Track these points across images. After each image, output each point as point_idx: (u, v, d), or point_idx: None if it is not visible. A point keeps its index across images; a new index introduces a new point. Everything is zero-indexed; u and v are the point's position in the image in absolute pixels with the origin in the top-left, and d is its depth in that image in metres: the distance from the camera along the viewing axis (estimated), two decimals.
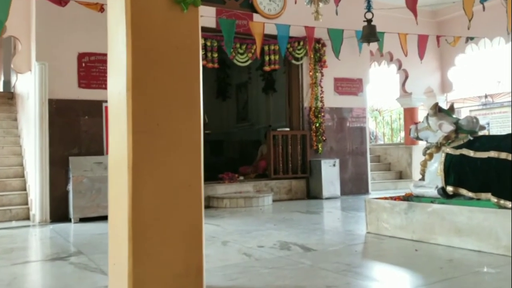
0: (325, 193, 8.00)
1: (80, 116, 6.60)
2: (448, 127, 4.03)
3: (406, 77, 10.33)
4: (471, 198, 3.70)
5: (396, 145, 11.35)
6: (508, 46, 9.37)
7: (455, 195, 3.84)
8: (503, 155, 3.48)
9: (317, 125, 8.41)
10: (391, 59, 10.26)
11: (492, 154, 3.56)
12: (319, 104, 8.48)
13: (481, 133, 4.07)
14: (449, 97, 11.02)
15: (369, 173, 9.07)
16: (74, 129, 6.57)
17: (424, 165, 4.27)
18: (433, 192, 4.00)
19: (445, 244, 3.67)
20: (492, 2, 7.17)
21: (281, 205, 7.35)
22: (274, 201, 7.66)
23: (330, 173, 8.09)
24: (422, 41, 8.67)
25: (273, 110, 10.72)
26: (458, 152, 3.86)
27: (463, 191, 3.74)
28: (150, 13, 2.58)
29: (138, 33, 2.53)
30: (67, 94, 6.54)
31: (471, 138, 3.90)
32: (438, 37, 9.30)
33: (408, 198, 4.30)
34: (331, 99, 8.66)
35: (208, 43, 7.58)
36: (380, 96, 14.17)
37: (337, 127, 8.76)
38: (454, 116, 4.26)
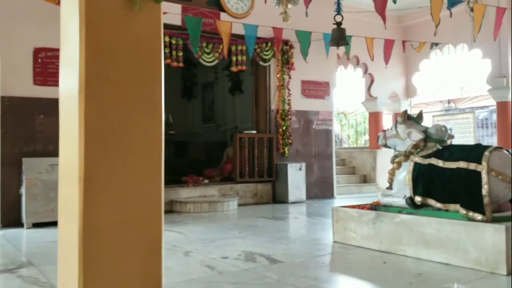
0: (291, 197, 7.91)
1: (35, 114, 6.23)
2: (417, 136, 3.98)
3: (372, 81, 10.40)
4: (439, 209, 3.65)
5: (360, 149, 11.42)
6: (472, 53, 9.57)
7: (424, 205, 3.79)
8: (472, 166, 3.44)
9: (284, 128, 8.32)
10: (358, 63, 10.30)
11: (461, 164, 3.51)
12: (286, 107, 8.38)
13: (449, 142, 4.03)
14: (413, 101, 11.19)
15: (334, 177, 9.05)
16: (28, 129, 6.19)
17: (392, 173, 4.20)
18: (401, 201, 3.94)
19: (413, 255, 3.61)
20: (456, 9, 7.25)
21: (247, 209, 7.19)
22: (239, 205, 7.49)
23: (296, 177, 8.01)
24: (388, 45, 8.71)
25: (240, 111, 10.56)
26: (426, 161, 3.81)
27: (432, 202, 3.68)
28: (106, 7, 2.34)
29: (92, 29, 2.28)
30: (22, 91, 6.15)
31: (440, 148, 3.86)
32: (403, 42, 9.39)
33: (375, 207, 4.22)
34: (298, 102, 8.58)
35: (173, 41, 7.34)
36: (346, 99, 14.26)
37: (303, 130, 8.69)
38: (422, 124, 4.21)
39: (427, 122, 4.66)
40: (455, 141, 4.23)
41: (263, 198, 8.11)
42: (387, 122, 11.41)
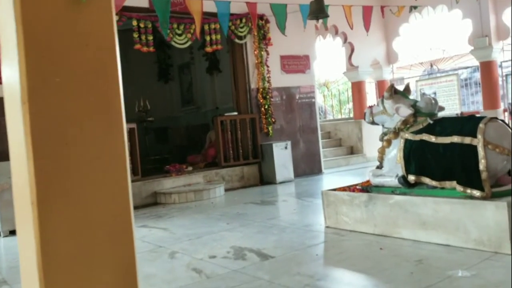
0: (279, 177, 7.70)
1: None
2: (405, 111, 3.74)
3: (352, 50, 10.13)
4: (434, 187, 3.45)
5: (345, 120, 11.23)
6: (451, 14, 9.32)
7: (417, 183, 3.59)
8: (467, 140, 3.23)
9: (266, 107, 8.04)
10: (336, 32, 9.99)
11: (455, 139, 3.30)
12: (267, 85, 8.08)
13: (440, 114, 3.81)
14: (395, 66, 10.95)
15: (321, 151, 8.85)
16: None
17: (382, 152, 3.97)
18: (393, 181, 3.73)
19: (410, 238, 3.42)
20: None
21: (234, 194, 6.97)
22: (226, 190, 7.26)
23: (282, 156, 7.79)
24: (367, 12, 8.39)
25: (220, 92, 10.22)
26: (418, 137, 3.58)
27: (426, 180, 3.48)
28: (48, 2, 2.01)
29: (31, 28, 1.94)
30: None
31: (431, 122, 3.63)
32: (382, 8, 9.07)
33: (366, 188, 4.01)
34: (279, 79, 8.28)
35: (142, 25, 6.92)
36: (327, 70, 13.97)
37: (286, 107, 8.42)
38: (411, 97, 3.97)
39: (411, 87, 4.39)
40: (440, 103, 3.96)
41: (250, 181, 7.88)
42: (370, 90, 11.18)
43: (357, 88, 10.62)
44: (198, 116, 10.84)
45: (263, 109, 8.03)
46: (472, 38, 8.82)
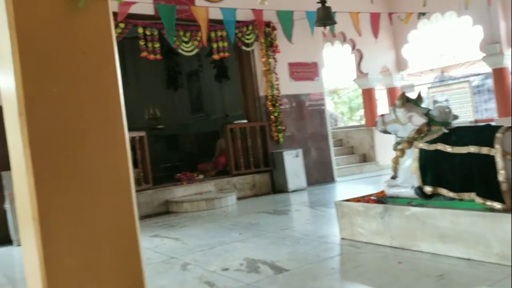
0: (291, 186, 7.64)
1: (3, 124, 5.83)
2: (419, 120, 3.67)
3: (361, 57, 10.07)
4: (452, 198, 3.37)
5: (357, 127, 11.15)
6: (461, 20, 9.23)
7: (434, 194, 3.51)
8: (485, 150, 3.15)
9: (276, 114, 7.99)
10: (345, 39, 9.94)
11: (472, 149, 3.22)
12: (275, 92, 8.04)
13: (454, 123, 3.73)
14: (405, 73, 10.87)
15: (333, 159, 8.77)
16: (3, 139, 5.79)
17: (396, 162, 3.90)
18: (409, 192, 3.66)
19: (429, 251, 3.34)
20: None
21: (246, 203, 6.92)
22: (238, 199, 7.21)
23: (294, 164, 7.73)
24: (375, 19, 8.35)
25: (229, 99, 10.22)
26: (433, 147, 3.51)
27: (443, 191, 3.40)
28: (42, 7, 1.94)
29: (26, 35, 1.87)
30: None
31: (446, 131, 3.56)
32: (390, 14, 9.02)
33: (381, 198, 3.94)
34: (287, 86, 8.24)
35: (148, 32, 6.93)
36: (337, 76, 13.89)
37: (296, 115, 8.37)
38: (423, 106, 3.90)
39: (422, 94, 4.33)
40: (453, 111, 3.88)
41: (262, 189, 7.83)
42: (381, 97, 11.10)
43: (368, 95, 10.55)
44: (208, 124, 10.85)
45: (272, 116, 7.99)
46: (483, 44, 8.73)
